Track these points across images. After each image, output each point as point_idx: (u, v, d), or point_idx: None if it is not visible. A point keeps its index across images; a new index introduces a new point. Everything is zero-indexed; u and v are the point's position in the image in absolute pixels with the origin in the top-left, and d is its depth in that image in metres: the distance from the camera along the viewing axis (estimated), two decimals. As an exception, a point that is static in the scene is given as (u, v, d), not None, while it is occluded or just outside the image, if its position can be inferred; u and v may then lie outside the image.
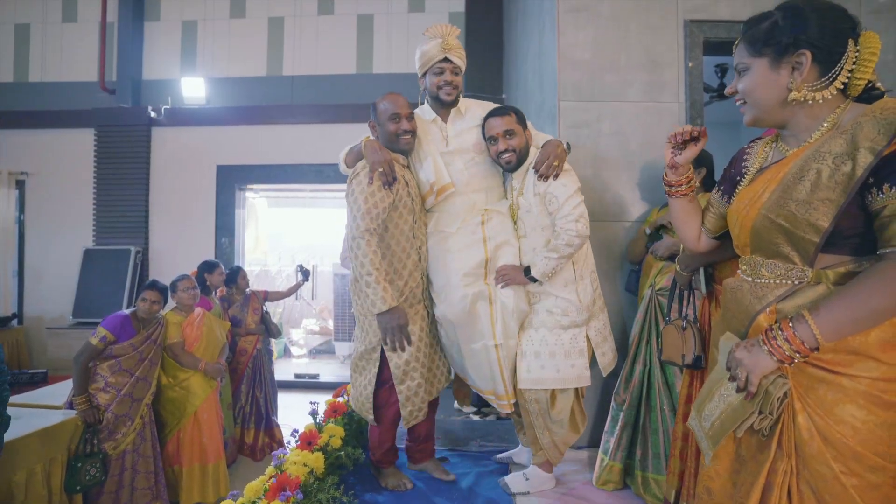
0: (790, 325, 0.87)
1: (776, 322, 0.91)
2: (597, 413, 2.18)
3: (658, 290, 1.88)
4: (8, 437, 1.92)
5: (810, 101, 0.93)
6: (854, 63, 0.90)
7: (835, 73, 0.91)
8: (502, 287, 1.75)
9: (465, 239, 1.80)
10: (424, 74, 1.84)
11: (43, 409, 2.41)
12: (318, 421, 2.02)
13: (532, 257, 1.75)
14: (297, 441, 1.80)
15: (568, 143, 1.82)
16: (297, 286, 3.88)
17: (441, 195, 1.82)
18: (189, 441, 2.71)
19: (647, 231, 1.97)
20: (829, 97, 0.92)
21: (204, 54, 5.20)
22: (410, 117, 1.79)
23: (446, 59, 1.78)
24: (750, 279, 1.00)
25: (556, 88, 2.29)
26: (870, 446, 0.83)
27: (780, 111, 0.96)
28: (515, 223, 1.84)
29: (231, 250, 4.99)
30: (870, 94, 0.93)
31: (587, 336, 1.79)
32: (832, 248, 0.90)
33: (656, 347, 1.86)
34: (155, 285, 2.59)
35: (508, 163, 1.77)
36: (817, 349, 0.86)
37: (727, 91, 1.04)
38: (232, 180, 5.04)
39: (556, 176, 1.69)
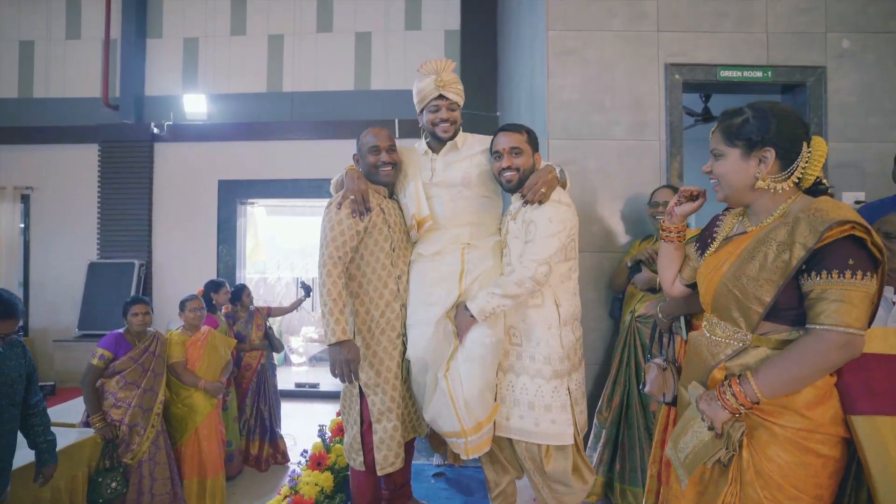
0: (738, 382, 1.06)
1: (726, 379, 1.10)
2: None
3: (637, 317, 2.05)
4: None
5: (772, 190, 1.11)
6: (807, 162, 1.08)
7: (792, 169, 1.09)
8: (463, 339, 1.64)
9: (442, 269, 1.72)
10: (421, 111, 1.81)
11: (61, 428, 2.54)
12: (326, 441, 2.16)
13: (475, 292, 1.63)
14: (306, 461, 1.94)
15: (562, 170, 1.73)
16: (299, 302, 4.02)
17: (421, 227, 1.77)
18: (190, 455, 2.83)
19: (629, 264, 2.14)
20: (787, 188, 1.11)
21: (205, 71, 5.32)
22: (391, 150, 1.76)
23: (441, 97, 1.74)
24: (707, 335, 1.19)
25: (545, 127, 2.45)
26: (789, 480, 1.02)
27: (747, 194, 1.14)
28: (504, 250, 1.74)
29: (232, 260, 5.11)
30: (816, 188, 1.12)
31: (568, 389, 1.64)
32: (772, 318, 1.08)
33: (634, 371, 2.04)
34: (139, 299, 2.70)
35: (509, 182, 1.68)
36: (758, 403, 1.04)
37: (703, 170, 1.22)
38: (233, 195, 5.16)
39: (541, 202, 1.60)
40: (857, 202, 2.42)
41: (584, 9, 2.44)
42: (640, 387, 1.62)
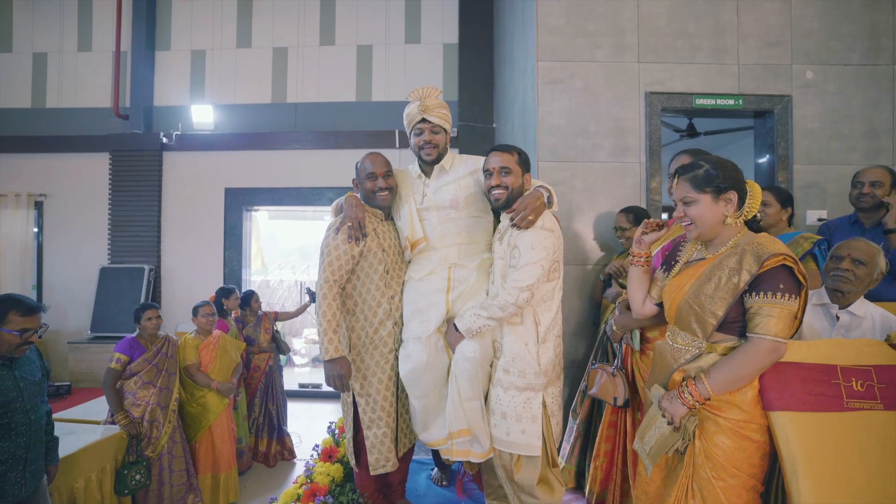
0: (693, 382, 1.30)
1: (684, 380, 1.34)
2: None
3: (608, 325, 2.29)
4: (67, 450, 2.27)
5: (734, 224, 1.36)
6: (751, 200, 1.36)
7: (745, 207, 1.36)
8: (455, 350, 1.75)
9: (431, 288, 1.82)
10: (410, 135, 1.92)
11: (89, 425, 2.75)
12: (335, 437, 2.37)
13: (462, 310, 1.75)
14: (318, 454, 2.16)
15: (549, 196, 1.77)
16: (305, 307, 4.23)
17: (415, 249, 1.88)
18: (204, 452, 3.05)
19: (602, 278, 2.37)
20: (740, 223, 1.37)
21: (212, 82, 5.51)
22: (387, 175, 1.85)
23: (424, 120, 1.83)
24: (671, 344, 1.44)
25: (535, 150, 2.67)
26: (731, 461, 1.27)
27: (715, 229, 1.38)
28: (490, 268, 1.83)
29: (238, 265, 5.31)
30: (753, 220, 1.39)
31: (543, 402, 1.70)
32: (722, 329, 1.33)
33: None
34: (150, 304, 2.91)
35: (497, 200, 1.74)
36: (709, 399, 1.29)
37: (676, 215, 1.45)
38: (239, 202, 5.36)
39: (527, 228, 1.66)
40: (820, 219, 2.65)
41: (571, 42, 2.66)
42: (585, 389, 1.80)
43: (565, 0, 2.63)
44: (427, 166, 1.92)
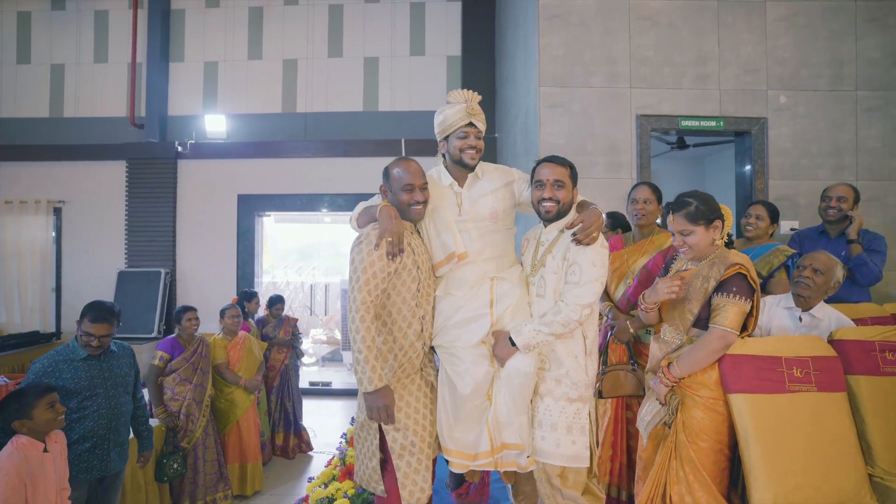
0: (668, 367, 1.62)
1: (665, 365, 1.65)
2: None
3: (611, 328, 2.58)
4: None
5: (717, 245, 1.68)
6: (727, 224, 1.69)
7: (724, 232, 1.69)
8: (503, 365, 1.70)
9: (474, 303, 1.76)
10: (446, 137, 1.79)
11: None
12: (360, 426, 2.65)
13: (518, 325, 1.69)
14: (346, 441, 2.43)
15: (604, 215, 1.80)
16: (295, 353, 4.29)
17: (460, 263, 1.77)
18: (232, 444, 3.31)
19: None
20: (720, 243, 1.69)
21: (224, 93, 5.74)
22: (424, 187, 1.73)
23: (471, 124, 1.75)
24: (662, 337, 1.76)
25: (537, 166, 2.96)
26: (702, 430, 1.58)
27: (706, 250, 1.69)
28: (532, 279, 1.78)
29: (251, 270, 5.55)
30: (728, 239, 1.72)
31: (589, 413, 1.71)
32: (696, 325, 1.65)
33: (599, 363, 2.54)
34: (190, 307, 3.18)
35: (548, 212, 1.71)
36: (682, 378, 1.60)
37: (676, 244, 1.73)
38: (251, 208, 5.59)
39: (590, 244, 1.64)
40: (792, 229, 2.95)
41: (570, 69, 2.94)
42: (600, 395, 2.06)
43: (564, 32, 2.91)
44: (461, 172, 1.82)
